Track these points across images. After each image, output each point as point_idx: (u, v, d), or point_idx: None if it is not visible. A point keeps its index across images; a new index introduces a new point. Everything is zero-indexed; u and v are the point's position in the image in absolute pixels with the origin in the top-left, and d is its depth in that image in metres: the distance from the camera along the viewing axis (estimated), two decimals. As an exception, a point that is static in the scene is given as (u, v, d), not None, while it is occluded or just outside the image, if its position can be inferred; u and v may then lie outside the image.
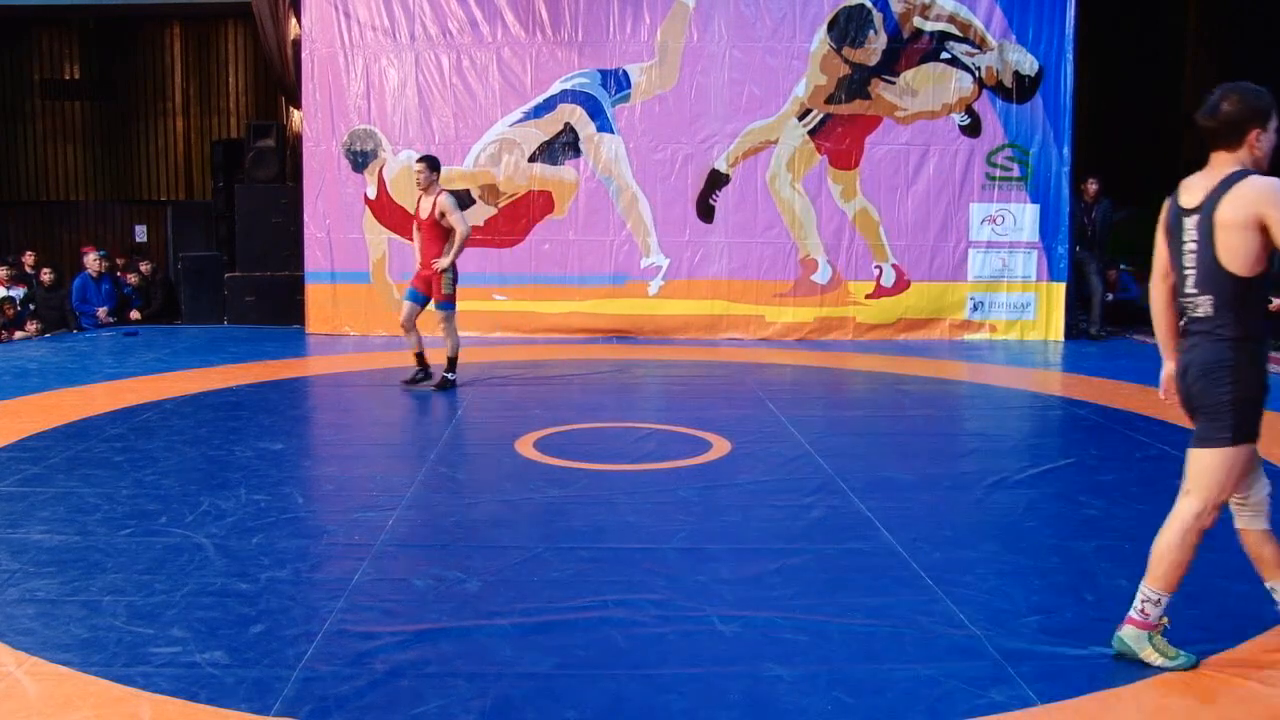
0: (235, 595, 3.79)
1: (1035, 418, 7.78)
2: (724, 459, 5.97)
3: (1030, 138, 11.29)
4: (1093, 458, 6.07)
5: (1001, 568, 4.15)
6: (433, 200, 7.83)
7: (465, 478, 5.33)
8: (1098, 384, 8.60)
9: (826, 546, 4.41)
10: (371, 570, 4.07)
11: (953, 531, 4.61)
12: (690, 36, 11.24)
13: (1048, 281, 11.42)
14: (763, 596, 3.81)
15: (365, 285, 11.49)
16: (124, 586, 3.86)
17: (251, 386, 8.27)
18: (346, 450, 6.24)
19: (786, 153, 11.35)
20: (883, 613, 3.66)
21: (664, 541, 4.47)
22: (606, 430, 6.80)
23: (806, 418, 7.13)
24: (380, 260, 11.52)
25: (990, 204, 11.36)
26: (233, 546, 4.33)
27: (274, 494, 5.14)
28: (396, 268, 11.42)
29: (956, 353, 10.66)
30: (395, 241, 11.42)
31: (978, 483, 5.44)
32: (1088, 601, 3.79)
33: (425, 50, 11.37)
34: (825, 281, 11.46)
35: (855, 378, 9.30)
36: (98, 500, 4.99)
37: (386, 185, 11.46)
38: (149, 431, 6.58)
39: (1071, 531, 4.70)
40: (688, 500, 5.13)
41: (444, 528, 4.64)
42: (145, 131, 15.44)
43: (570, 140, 11.37)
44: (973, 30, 11.18)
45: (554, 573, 4.05)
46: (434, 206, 7.82)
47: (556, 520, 4.75)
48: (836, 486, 5.33)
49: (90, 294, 12.30)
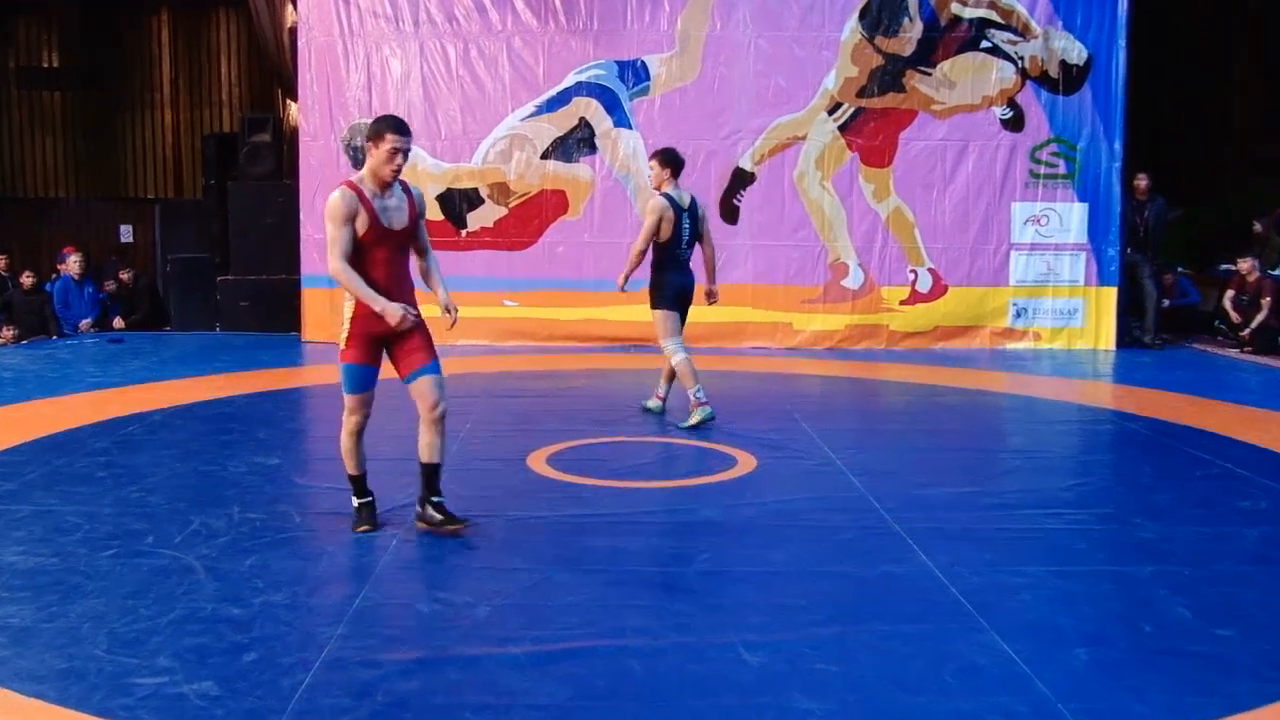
0: (227, 621, 3.80)
1: (1084, 433, 7.74)
2: (749, 476, 5.96)
3: (1078, 131, 11.25)
4: (1147, 476, 6.04)
5: (1049, 594, 4.13)
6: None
7: (474, 495, 5.33)
8: (1153, 397, 8.55)
9: (859, 570, 4.39)
10: (373, 594, 4.08)
11: (994, 554, 4.59)
12: (713, 25, 11.26)
13: (1097, 286, 11.38)
14: (791, 623, 3.80)
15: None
16: (105, 612, 3.86)
17: (245, 397, 8.31)
18: (346, 465, 6.26)
19: (815, 149, 11.35)
20: (920, 642, 3.64)
21: (686, 564, 4.47)
22: (624, 445, 6.80)
23: (837, 432, 7.12)
24: (381, 263, 11.52)
25: (1034, 203, 11.33)
26: (224, 568, 4.34)
27: (269, 512, 5.16)
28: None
29: (998, 363, 10.63)
30: (397, 243, 11.43)
31: (1021, 502, 5.41)
32: (1145, 632, 3.76)
33: (430, 39, 11.43)
34: (857, 287, 11.44)
35: (889, 389, 9.27)
36: (78, 519, 5.01)
37: (388, 183, 11.49)
38: (135, 445, 6.62)
39: (1125, 555, 4.66)
40: (711, 520, 5.13)
41: (451, 549, 4.64)
42: (131, 124, 15.53)
43: (585, 136, 11.40)
44: (1015, 16, 11.16)
45: (569, 597, 4.05)
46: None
47: (571, 541, 4.75)
48: (869, 505, 5.31)
49: (72, 298, 12.37)
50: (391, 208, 4.64)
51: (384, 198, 4.63)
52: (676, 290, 7.24)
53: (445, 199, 11.46)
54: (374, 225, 4.57)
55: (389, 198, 4.65)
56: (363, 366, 4.74)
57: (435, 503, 4.80)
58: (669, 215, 7.11)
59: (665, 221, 7.10)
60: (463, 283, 10.77)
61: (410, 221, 4.71)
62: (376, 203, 4.60)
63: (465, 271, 11.04)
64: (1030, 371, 10.13)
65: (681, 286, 7.27)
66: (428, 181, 11.32)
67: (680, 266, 7.27)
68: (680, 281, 7.27)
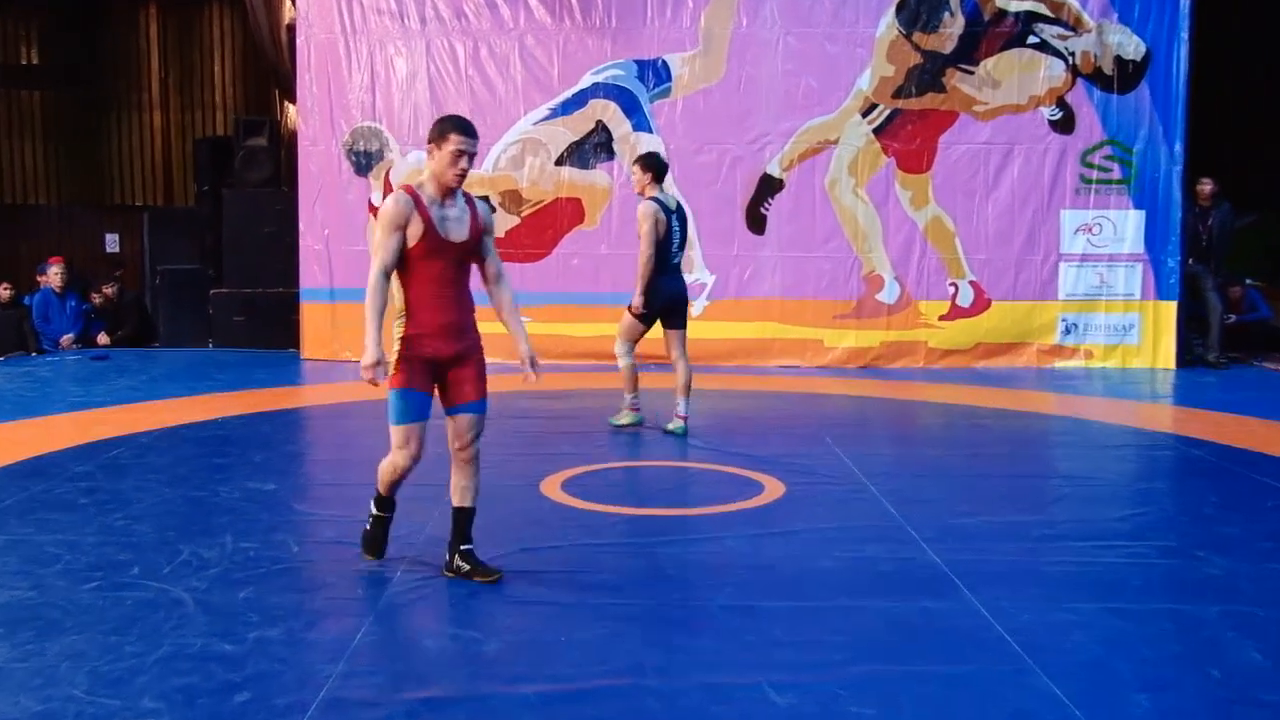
0: (218, 658, 3.81)
1: (1140, 458, 7.69)
2: (777, 503, 5.96)
3: (1134, 133, 11.23)
4: (1212, 506, 5.99)
5: (1103, 634, 4.10)
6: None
7: (483, 523, 5.34)
8: (1217, 419, 8.51)
9: (895, 604, 4.38)
10: (376, 629, 4.09)
11: (1043, 589, 4.57)
12: (739, 21, 11.31)
13: (1155, 300, 11.34)
14: (822, 662, 3.79)
15: (367, 304, 11.54)
16: (86, 649, 3.87)
17: (239, 418, 8.35)
18: (348, 491, 6.24)
19: (848, 154, 11.36)
20: (962, 684, 3.63)
21: (709, 597, 4.46)
22: (643, 470, 6.80)
23: (871, 456, 7.11)
24: (384, 275, 11.56)
25: (1086, 210, 11.31)
26: (216, 601, 4.36)
27: (265, 541, 5.19)
28: (402, 284, 11.49)
29: (1045, 382, 10.59)
30: (401, 254, 11.49)
31: (1072, 533, 5.39)
32: (1212, 678, 3.72)
33: (438, 37, 11.51)
34: (893, 301, 11.43)
35: (927, 411, 9.25)
36: (58, 549, 5.03)
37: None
38: (120, 469, 6.66)
39: (1188, 593, 4.62)
40: (736, 550, 5.12)
41: (458, 580, 4.65)
42: (117, 126, 15.63)
43: (603, 141, 11.45)
44: (1066, 9, 11.16)
45: (583, 633, 4.05)
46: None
47: (586, 572, 4.75)
48: (906, 535, 5.30)
49: (53, 312, 12.46)
50: (451, 218, 4.48)
51: (444, 206, 4.47)
52: (667, 297, 7.59)
53: (452, 207, 11.49)
54: (428, 235, 4.40)
55: (449, 207, 4.48)
56: (413, 392, 4.58)
57: (464, 551, 4.66)
58: (661, 219, 7.43)
59: (659, 224, 7.42)
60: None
61: (472, 236, 4.54)
62: (434, 210, 4.43)
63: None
64: (1081, 392, 10.08)
65: (672, 293, 7.62)
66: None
67: (672, 272, 7.62)
68: (671, 288, 7.62)
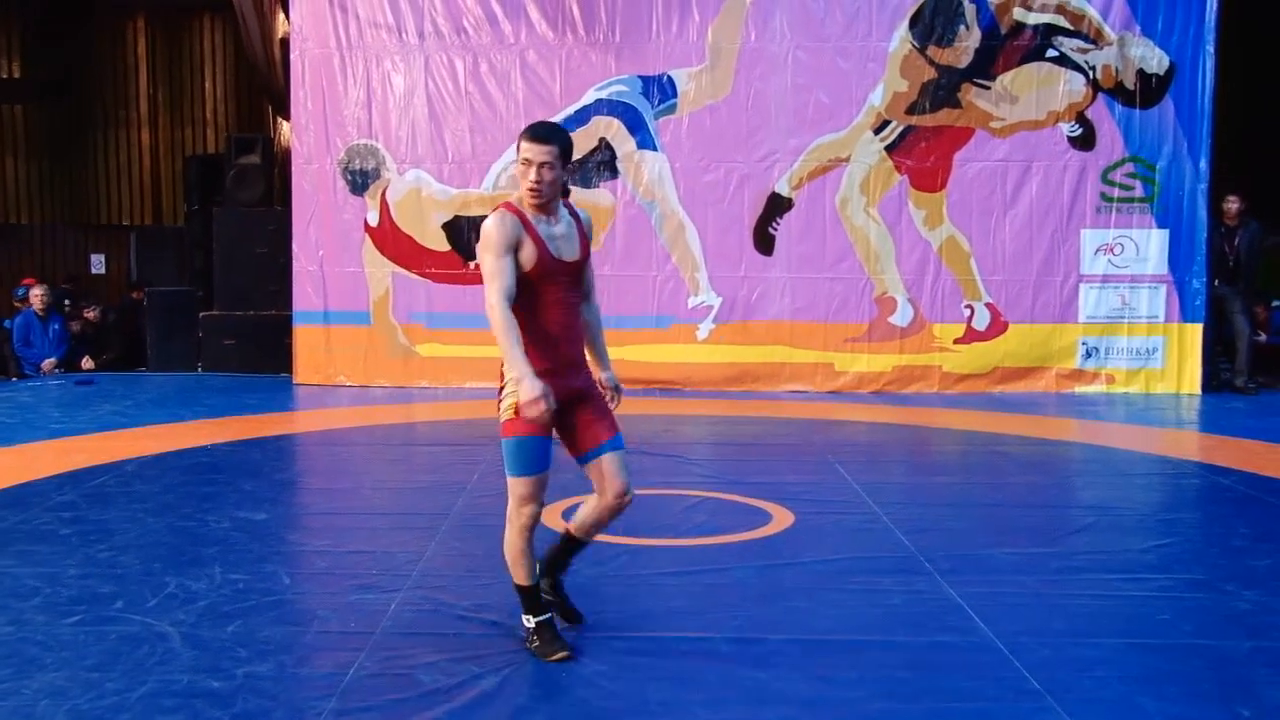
0: (205, 695, 3.80)
1: (1166, 488, 7.67)
2: (786, 533, 5.95)
3: (1157, 149, 11.25)
4: (1242, 538, 5.97)
5: (1128, 671, 4.09)
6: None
7: (481, 553, 5.34)
8: (1246, 447, 8.49)
9: (909, 639, 4.37)
10: (370, 663, 4.08)
11: (1065, 624, 4.56)
12: (747, 36, 11.36)
13: (1179, 323, 11.34)
14: (833, 699, 3.78)
15: (364, 328, 11.60)
16: (67, 687, 3.85)
17: (230, 445, 8.36)
18: (341, 521, 6.27)
19: (860, 172, 11.39)
20: (981, 721, 3.62)
21: (715, 630, 4.45)
22: (647, 498, 6.78)
23: (884, 485, 7.11)
24: (383, 298, 11.64)
25: (1107, 230, 11.32)
26: (204, 636, 4.35)
27: (255, 572, 5.18)
28: (401, 307, 11.55)
29: (1065, 408, 10.58)
30: (400, 276, 11.55)
31: (1095, 565, 5.37)
32: (1244, 718, 3.71)
33: (436, 52, 11.57)
34: (906, 324, 11.44)
35: (942, 437, 9.25)
36: (37, 582, 5.02)
37: (391, 210, 11.60)
38: (105, 499, 6.66)
39: (1218, 628, 4.60)
40: (744, 581, 5.11)
41: (456, 613, 4.64)
42: (103, 143, 15.68)
43: (606, 159, 11.49)
44: (1086, 22, 11.19)
45: (585, 667, 4.04)
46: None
47: (588, 604, 4.74)
48: (921, 567, 5.29)
49: (34, 335, 12.49)
50: (560, 235, 4.08)
51: (550, 223, 4.07)
52: None
53: (452, 227, 11.54)
54: (543, 257, 4.01)
55: (555, 224, 4.08)
56: (536, 439, 4.05)
57: (558, 580, 4.48)
58: None
59: None
60: (469, 320, 10.85)
61: (583, 254, 4.19)
62: (542, 228, 4.03)
63: (472, 308, 11.05)
64: (1103, 418, 10.08)
65: None
66: (433, 209, 11.45)
67: None
68: None
